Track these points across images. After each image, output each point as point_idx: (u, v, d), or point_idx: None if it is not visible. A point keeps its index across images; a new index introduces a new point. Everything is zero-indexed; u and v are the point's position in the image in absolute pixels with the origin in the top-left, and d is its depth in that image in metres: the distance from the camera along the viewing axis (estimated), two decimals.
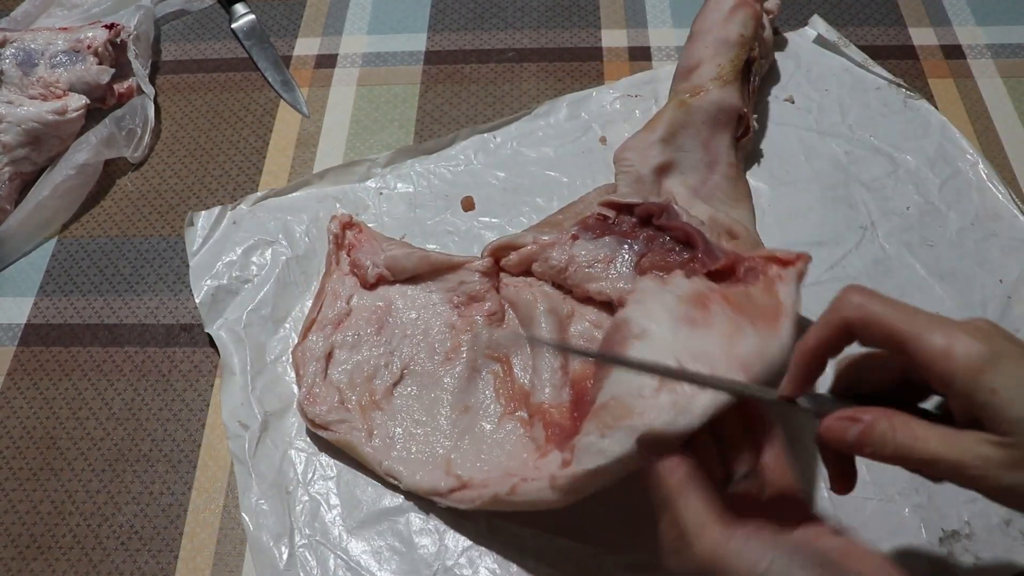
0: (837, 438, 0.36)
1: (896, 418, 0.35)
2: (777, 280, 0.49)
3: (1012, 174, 0.68)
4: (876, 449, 0.35)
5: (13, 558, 0.54)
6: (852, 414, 0.36)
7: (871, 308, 0.35)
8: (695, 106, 0.63)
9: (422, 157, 0.71)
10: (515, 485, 0.48)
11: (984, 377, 0.32)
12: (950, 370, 0.33)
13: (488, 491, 0.49)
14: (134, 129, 0.72)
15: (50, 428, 0.59)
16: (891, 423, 0.35)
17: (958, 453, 0.33)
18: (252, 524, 0.53)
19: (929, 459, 0.34)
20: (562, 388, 0.54)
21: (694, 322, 0.44)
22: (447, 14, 0.82)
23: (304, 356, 0.57)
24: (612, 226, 0.59)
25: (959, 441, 0.33)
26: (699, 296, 0.47)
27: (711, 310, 0.45)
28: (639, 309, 0.46)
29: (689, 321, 0.44)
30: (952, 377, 0.33)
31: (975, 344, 0.33)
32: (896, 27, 0.79)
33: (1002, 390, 0.32)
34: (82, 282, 0.66)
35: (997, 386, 0.32)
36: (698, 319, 0.45)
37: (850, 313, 0.36)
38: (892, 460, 0.35)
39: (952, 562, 0.50)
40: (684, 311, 0.45)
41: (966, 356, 0.33)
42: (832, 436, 0.37)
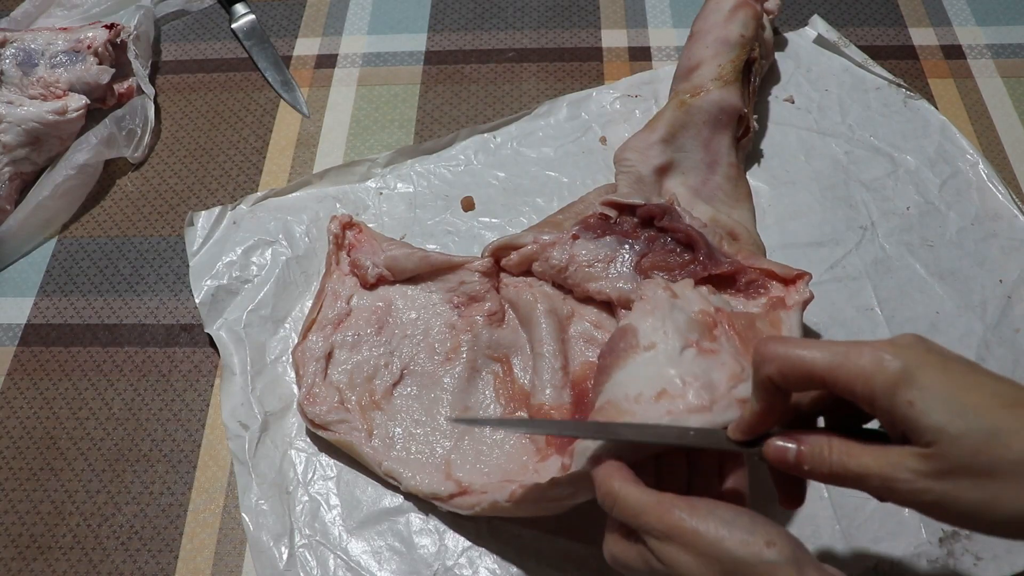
0: (779, 458, 0.38)
1: (833, 439, 0.37)
2: (782, 312, 0.50)
3: (1012, 174, 0.68)
4: (814, 467, 0.37)
5: (13, 558, 0.54)
6: (793, 437, 0.38)
7: (785, 356, 0.36)
8: (696, 106, 0.63)
9: (422, 157, 0.71)
10: (513, 492, 0.48)
11: (900, 391, 0.33)
12: (869, 390, 0.34)
13: (487, 497, 0.49)
14: (134, 129, 0.72)
15: (50, 428, 0.59)
16: (828, 443, 0.36)
17: (887, 468, 0.34)
18: (252, 524, 0.53)
19: (862, 475, 0.35)
20: (563, 389, 0.54)
21: (702, 350, 0.45)
22: (447, 14, 0.82)
23: (304, 356, 0.57)
24: (613, 226, 0.59)
25: (888, 456, 0.34)
26: (708, 321, 0.47)
27: (719, 341, 0.46)
28: (648, 322, 0.47)
29: (697, 348, 0.45)
30: (873, 397, 0.34)
31: (893, 361, 0.34)
32: (896, 27, 0.79)
33: (918, 401, 0.33)
34: (82, 282, 0.66)
35: (913, 398, 0.33)
36: (706, 349, 0.46)
37: (768, 371, 0.37)
38: (829, 478, 0.37)
39: (952, 562, 0.50)
40: (694, 337, 0.46)
41: (882, 373, 0.34)
42: (774, 457, 0.38)
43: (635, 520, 0.39)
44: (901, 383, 0.33)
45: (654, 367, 0.45)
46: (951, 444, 0.32)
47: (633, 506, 0.39)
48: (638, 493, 0.39)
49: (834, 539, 0.51)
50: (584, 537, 0.52)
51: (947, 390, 0.33)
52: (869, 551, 0.51)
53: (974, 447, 0.32)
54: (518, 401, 0.55)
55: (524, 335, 0.58)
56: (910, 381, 0.33)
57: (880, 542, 0.51)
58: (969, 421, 0.32)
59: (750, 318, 0.50)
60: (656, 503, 0.38)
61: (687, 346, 0.45)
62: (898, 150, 0.69)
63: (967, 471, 0.32)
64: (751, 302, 0.54)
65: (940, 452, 0.33)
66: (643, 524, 0.38)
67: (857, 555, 0.51)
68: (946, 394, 0.33)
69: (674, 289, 0.50)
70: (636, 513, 0.38)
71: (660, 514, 0.38)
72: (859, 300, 0.61)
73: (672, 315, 0.47)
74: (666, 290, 0.49)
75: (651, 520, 0.38)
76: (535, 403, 0.54)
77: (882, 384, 0.34)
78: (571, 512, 0.51)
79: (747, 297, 0.54)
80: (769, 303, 0.53)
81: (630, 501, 0.39)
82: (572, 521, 0.52)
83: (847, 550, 0.51)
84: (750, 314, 0.51)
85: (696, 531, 0.36)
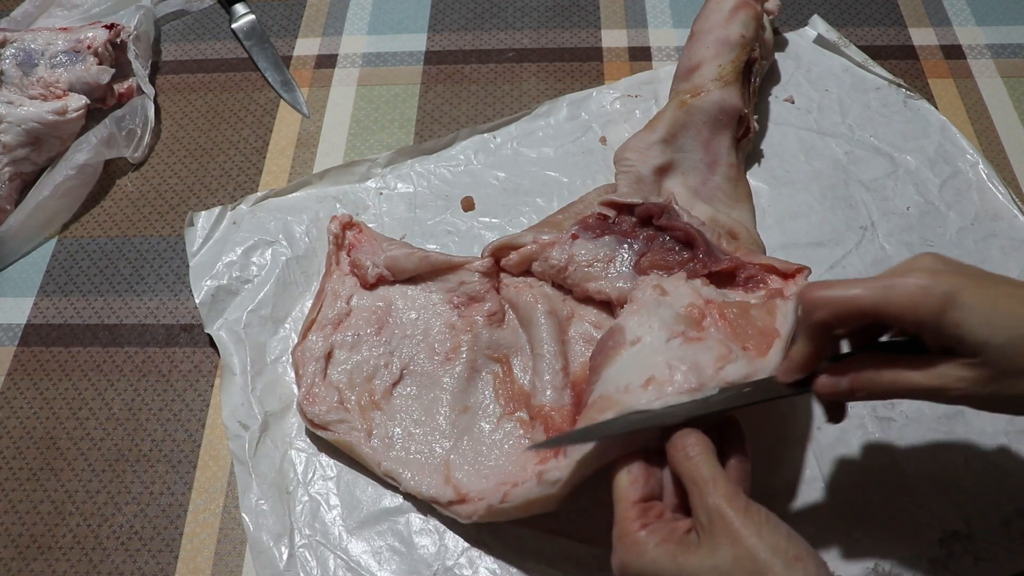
0: (832, 391, 0.42)
1: (876, 362, 0.41)
2: (779, 300, 0.51)
3: (1012, 174, 0.68)
4: (867, 392, 0.41)
5: (13, 558, 0.54)
6: (838, 368, 0.41)
7: (835, 299, 0.40)
8: (696, 106, 0.63)
9: (422, 157, 0.71)
10: (506, 492, 0.48)
11: (947, 316, 0.37)
12: (919, 319, 0.38)
13: (483, 503, 0.49)
14: (134, 129, 0.72)
15: (50, 428, 0.59)
16: (874, 368, 0.40)
17: (940, 381, 0.39)
18: (252, 524, 0.53)
19: (913, 390, 0.39)
20: (563, 390, 0.54)
21: (688, 339, 0.46)
22: (447, 14, 0.82)
23: (304, 356, 0.57)
24: (612, 225, 0.59)
25: (937, 370, 0.39)
26: (696, 313, 0.48)
27: (707, 331, 0.47)
28: (635, 319, 0.48)
29: (684, 337, 0.47)
30: (922, 323, 0.38)
31: (934, 287, 0.38)
32: (896, 27, 0.79)
33: (964, 322, 0.37)
34: (82, 282, 0.66)
35: (960, 319, 0.37)
36: (692, 337, 0.47)
37: (821, 315, 0.40)
38: (881, 396, 0.41)
39: (952, 562, 0.50)
40: (680, 328, 0.47)
41: (927, 302, 0.38)
42: (827, 391, 0.42)
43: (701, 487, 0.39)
44: (946, 307, 0.37)
45: (641, 358, 0.46)
46: (996, 353, 0.37)
47: (708, 476, 0.40)
48: (718, 467, 0.40)
49: (834, 539, 0.51)
50: (584, 537, 0.52)
51: (986, 307, 0.37)
52: (869, 551, 0.51)
53: (1014, 351, 0.37)
54: (518, 401, 0.55)
55: (524, 335, 0.58)
56: (953, 304, 0.37)
57: (880, 542, 0.51)
58: (1008, 331, 0.37)
59: (744, 306, 0.50)
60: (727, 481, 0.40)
61: (673, 336, 0.46)
62: (898, 150, 0.69)
63: (1013, 372, 0.37)
64: (750, 295, 0.54)
65: (986, 360, 0.37)
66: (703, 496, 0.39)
67: (857, 555, 0.51)
68: (986, 310, 0.37)
69: (664, 286, 0.51)
70: (707, 480, 0.39)
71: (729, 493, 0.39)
72: None
73: (658, 311, 0.48)
74: (656, 288, 0.50)
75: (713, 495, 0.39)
76: (536, 404, 0.53)
77: (928, 311, 0.37)
78: (571, 512, 0.51)
79: (746, 291, 0.54)
80: (768, 294, 0.53)
81: (706, 470, 0.40)
82: (572, 521, 0.52)
83: (847, 550, 0.51)
84: (744, 302, 0.51)
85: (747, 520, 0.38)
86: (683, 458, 0.41)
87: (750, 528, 0.37)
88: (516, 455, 0.53)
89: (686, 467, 0.41)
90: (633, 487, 0.42)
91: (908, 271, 0.39)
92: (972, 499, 0.52)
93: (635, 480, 0.42)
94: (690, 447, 0.41)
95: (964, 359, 0.38)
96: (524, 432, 0.54)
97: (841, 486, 0.53)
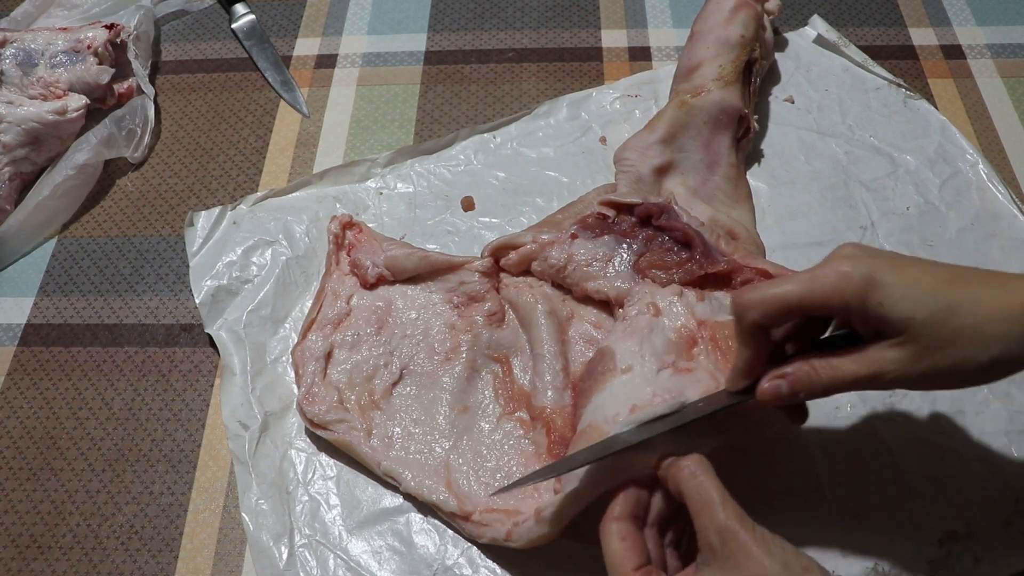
0: (775, 395, 0.42)
1: (813, 361, 0.41)
2: None
3: (1012, 174, 0.68)
4: (808, 391, 0.41)
5: (13, 558, 0.54)
6: (777, 373, 0.42)
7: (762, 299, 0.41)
8: (696, 106, 0.63)
9: (422, 157, 0.71)
10: (510, 531, 0.48)
11: (870, 296, 0.38)
12: (843, 302, 0.39)
13: (488, 532, 0.49)
14: (134, 129, 0.72)
15: (50, 428, 0.59)
16: (811, 366, 0.41)
17: (874, 366, 0.39)
18: (252, 524, 0.53)
19: (852, 381, 0.40)
20: (564, 391, 0.54)
21: (678, 370, 0.47)
22: (447, 14, 0.82)
23: (303, 356, 0.57)
24: (611, 225, 0.59)
25: (869, 357, 0.39)
26: (688, 339, 0.49)
27: (697, 360, 0.48)
28: (626, 345, 0.49)
29: (674, 368, 0.48)
30: (847, 307, 0.39)
31: (854, 271, 0.39)
32: (896, 27, 0.79)
33: (886, 299, 0.38)
34: (82, 282, 0.66)
35: (882, 298, 0.38)
36: (682, 368, 0.48)
37: (752, 316, 0.41)
38: (824, 394, 0.41)
39: (952, 562, 0.50)
40: (671, 359, 0.48)
41: (850, 286, 0.39)
42: (771, 396, 0.42)
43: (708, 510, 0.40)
44: (869, 289, 0.38)
45: (630, 388, 0.47)
46: (920, 327, 0.38)
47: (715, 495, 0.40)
48: (723, 487, 0.41)
49: (834, 539, 0.51)
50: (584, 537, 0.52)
51: (905, 284, 0.38)
52: (869, 551, 0.51)
53: (936, 324, 0.37)
54: (518, 402, 0.55)
55: (524, 335, 0.58)
56: (874, 285, 0.38)
57: (880, 542, 0.51)
58: (928, 305, 0.37)
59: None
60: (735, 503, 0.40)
61: (663, 367, 0.47)
62: (898, 150, 0.69)
63: (936, 346, 0.38)
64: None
65: (912, 337, 0.38)
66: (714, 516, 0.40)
67: (857, 555, 0.51)
68: (905, 288, 0.38)
69: (658, 304, 0.51)
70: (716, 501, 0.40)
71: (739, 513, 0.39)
72: None
73: (651, 338, 0.49)
74: (649, 307, 0.51)
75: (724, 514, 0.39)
76: (537, 405, 0.54)
77: (852, 294, 0.39)
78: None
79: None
80: None
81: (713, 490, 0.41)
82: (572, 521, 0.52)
83: (847, 550, 0.51)
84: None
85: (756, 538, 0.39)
86: (688, 478, 0.42)
87: (762, 547, 0.38)
88: (517, 457, 0.53)
89: (691, 487, 0.41)
90: (628, 554, 0.42)
91: (829, 261, 0.40)
92: (972, 499, 0.52)
93: (629, 547, 0.42)
94: (694, 467, 0.42)
95: (892, 340, 0.39)
96: (524, 432, 0.54)
97: (841, 486, 0.53)
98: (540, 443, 0.52)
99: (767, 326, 0.41)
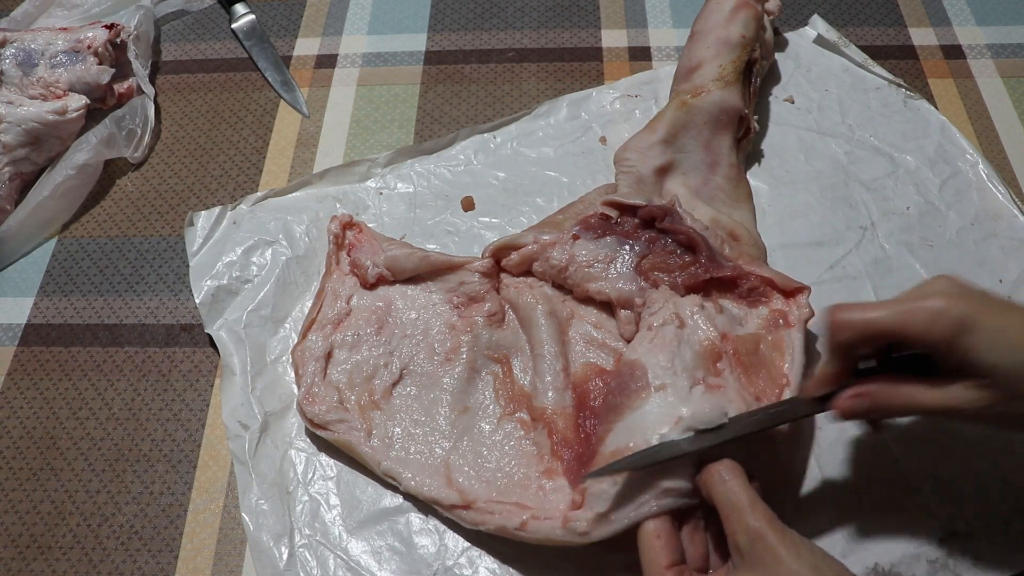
0: (852, 411, 0.44)
1: (892, 384, 0.43)
2: (786, 333, 0.53)
3: (1012, 174, 0.68)
4: (883, 412, 0.44)
5: (13, 558, 0.54)
6: (858, 391, 0.44)
7: (856, 322, 0.43)
8: (697, 107, 0.63)
9: (422, 157, 0.71)
10: (525, 521, 0.48)
11: (961, 340, 0.39)
12: (934, 341, 0.40)
13: (495, 519, 0.49)
14: (134, 129, 0.72)
15: (50, 428, 0.59)
16: (890, 390, 0.43)
17: (952, 401, 0.41)
18: (252, 524, 0.53)
19: (927, 409, 0.42)
20: (564, 391, 0.54)
21: (709, 387, 0.48)
22: (447, 14, 0.82)
23: (303, 356, 0.57)
24: (614, 226, 0.59)
25: (949, 392, 0.41)
26: (714, 352, 0.50)
27: (724, 376, 0.49)
28: (656, 359, 0.49)
29: (705, 384, 0.48)
30: (936, 346, 0.41)
31: (949, 313, 0.40)
32: (896, 27, 0.79)
33: (975, 346, 0.39)
34: (82, 282, 0.66)
35: (972, 344, 0.39)
36: (712, 384, 0.48)
37: (843, 336, 0.43)
38: (897, 415, 0.45)
39: (952, 562, 0.50)
40: (700, 375, 0.49)
41: (943, 326, 0.40)
42: (848, 411, 0.44)
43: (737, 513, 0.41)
44: (960, 332, 0.39)
45: (667, 406, 0.47)
46: (1004, 377, 0.39)
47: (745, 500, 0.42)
48: (753, 491, 0.43)
49: (834, 539, 0.51)
50: None
51: (995, 333, 0.39)
52: (869, 551, 0.51)
53: (1020, 377, 0.39)
54: (518, 402, 0.55)
55: (524, 336, 0.58)
56: (967, 329, 0.39)
57: (880, 542, 0.51)
58: (1015, 357, 0.39)
59: (755, 341, 0.52)
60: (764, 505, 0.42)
61: (695, 384, 0.48)
62: (898, 150, 0.69)
63: (1017, 396, 0.39)
64: (752, 311, 0.54)
65: (996, 383, 0.39)
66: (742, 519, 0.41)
67: (857, 555, 0.51)
68: (995, 337, 0.39)
69: (681, 315, 0.51)
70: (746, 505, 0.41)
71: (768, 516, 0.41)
72: (859, 300, 0.61)
73: (681, 353, 0.49)
74: (674, 318, 0.51)
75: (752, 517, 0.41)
76: (537, 406, 0.54)
77: (943, 335, 0.40)
78: None
79: (749, 305, 0.55)
80: (771, 316, 0.54)
81: (743, 494, 0.42)
82: None
83: (847, 550, 0.51)
84: (755, 336, 0.52)
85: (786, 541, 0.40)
86: (718, 482, 0.43)
87: (791, 550, 0.39)
88: (518, 459, 0.53)
89: (722, 492, 0.43)
90: (663, 552, 0.43)
91: (925, 295, 0.41)
92: (972, 499, 0.52)
93: (664, 544, 0.44)
94: (725, 472, 0.43)
95: (975, 380, 0.40)
96: (525, 433, 0.54)
97: (841, 486, 0.53)
98: (542, 444, 0.52)
99: (856, 346, 0.43)
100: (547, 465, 0.52)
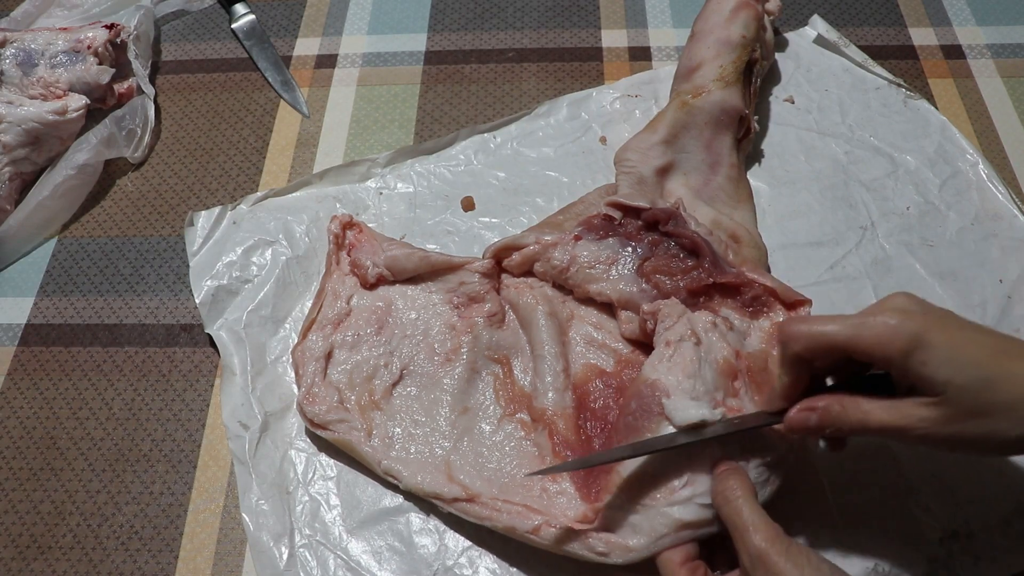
0: (801, 427, 0.44)
1: (844, 400, 0.42)
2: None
3: (1012, 174, 0.68)
4: (834, 429, 0.42)
5: (13, 558, 0.54)
6: (808, 405, 0.43)
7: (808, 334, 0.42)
8: (697, 107, 0.63)
9: (422, 157, 0.71)
10: (539, 527, 0.48)
11: (913, 354, 0.39)
12: (888, 356, 0.40)
13: (504, 518, 0.49)
14: (134, 129, 0.72)
15: (50, 428, 0.59)
16: (841, 405, 0.42)
17: (902, 420, 0.40)
18: (252, 524, 0.53)
19: (878, 428, 0.41)
20: (564, 392, 0.54)
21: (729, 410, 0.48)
22: (447, 14, 0.82)
23: (304, 356, 0.57)
24: (617, 228, 0.59)
25: (901, 409, 0.40)
26: (730, 372, 0.50)
27: (740, 397, 0.49)
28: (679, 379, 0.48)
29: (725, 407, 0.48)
30: (890, 361, 0.40)
31: (902, 327, 0.39)
32: (896, 27, 0.79)
33: (929, 361, 0.39)
34: (82, 282, 0.66)
35: (926, 359, 0.39)
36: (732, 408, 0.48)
37: (796, 348, 0.42)
38: (850, 434, 0.43)
39: (952, 562, 0.50)
40: (720, 397, 0.48)
41: (897, 340, 0.39)
42: (797, 426, 0.44)
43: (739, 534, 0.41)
44: (914, 347, 0.39)
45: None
46: (956, 393, 0.38)
47: (747, 520, 0.42)
48: (758, 509, 0.42)
49: (834, 539, 0.51)
50: None
51: (950, 348, 0.38)
52: (869, 551, 0.51)
53: (974, 394, 0.38)
54: (518, 403, 0.55)
55: (524, 337, 0.58)
56: (920, 344, 0.39)
57: (880, 542, 0.51)
58: (969, 373, 0.38)
59: (763, 358, 0.52)
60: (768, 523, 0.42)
61: (716, 406, 0.48)
62: (898, 150, 0.69)
63: (969, 414, 0.38)
64: (755, 323, 0.54)
65: (947, 400, 0.38)
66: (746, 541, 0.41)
67: (857, 555, 0.51)
68: (950, 352, 0.38)
69: (697, 333, 0.51)
70: (747, 525, 0.41)
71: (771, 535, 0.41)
72: (859, 300, 0.61)
73: (702, 372, 0.49)
74: (691, 336, 0.50)
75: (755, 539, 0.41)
76: (538, 407, 0.53)
77: (897, 349, 0.39)
78: None
79: (752, 316, 0.54)
80: (772, 330, 0.54)
81: (746, 514, 0.42)
82: None
83: (847, 550, 0.51)
84: (763, 353, 0.52)
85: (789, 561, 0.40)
86: (723, 503, 0.43)
87: (794, 571, 0.39)
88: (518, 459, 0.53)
89: (727, 512, 0.43)
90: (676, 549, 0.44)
91: (880, 311, 0.41)
92: (972, 499, 0.52)
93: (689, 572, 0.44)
94: (730, 491, 0.43)
95: (928, 398, 0.39)
96: (525, 434, 0.54)
97: (841, 486, 0.53)
98: (542, 445, 0.52)
99: (809, 359, 0.43)
100: (549, 465, 0.51)
